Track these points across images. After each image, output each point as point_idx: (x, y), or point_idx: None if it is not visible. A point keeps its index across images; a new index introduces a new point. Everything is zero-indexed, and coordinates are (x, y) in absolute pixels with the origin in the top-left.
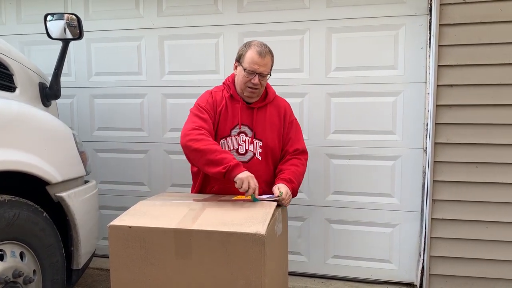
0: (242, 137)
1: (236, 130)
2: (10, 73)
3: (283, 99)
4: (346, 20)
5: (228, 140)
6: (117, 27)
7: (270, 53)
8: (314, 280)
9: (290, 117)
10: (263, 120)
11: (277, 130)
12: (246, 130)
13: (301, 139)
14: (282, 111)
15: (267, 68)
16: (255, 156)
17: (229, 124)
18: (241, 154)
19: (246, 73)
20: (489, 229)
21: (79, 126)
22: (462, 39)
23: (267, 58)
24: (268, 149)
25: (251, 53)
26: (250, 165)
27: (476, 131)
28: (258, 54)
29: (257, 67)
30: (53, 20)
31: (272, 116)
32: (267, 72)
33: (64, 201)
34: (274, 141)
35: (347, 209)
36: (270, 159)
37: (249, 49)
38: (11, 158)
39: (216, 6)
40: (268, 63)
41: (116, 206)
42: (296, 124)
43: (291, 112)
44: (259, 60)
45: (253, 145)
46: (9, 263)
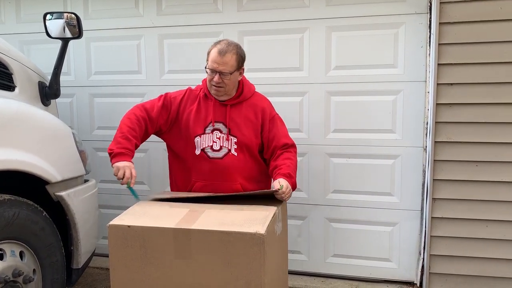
0: (216, 134)
1: (210, 128)
2: (9, 72)
3: (263, 97)
4: (346, 18)
5: (203, 137)
6: (117, 26)
7: (233, 51)
8: (314, 279)
9: (270, 114)
10: (237, 117)
11: (253, 127)
12: (220, 127)
13: (287, 133)
14: (259, 109)
15: (228, 66)
16: (230, 152)
17: (203, 123)
18: (216, 150)
19: (209, 71)
20: (489, 227)
21: (79, 125)
22: (462, 38)
23: (228, 56)
24: (244, 145)
25: (212, 51)
26: (225, 161)
27: (476, 129)
28: (217, 52)
29: (216, 65)
30: (53, 19)
31: (248, 113)
32: (228, 71)
33: (63, 200)
34: (250, 137)
35: (347, 208)
36: (247, 155)
37: (213, 47)
38: (11, 157)
39: (216, 5)
40: (229, 62)
41: (116, 205)
42: (279, 119)
43: (271, 108)
44: (218, 59)
45: (228, 141)
46: (8, 263)
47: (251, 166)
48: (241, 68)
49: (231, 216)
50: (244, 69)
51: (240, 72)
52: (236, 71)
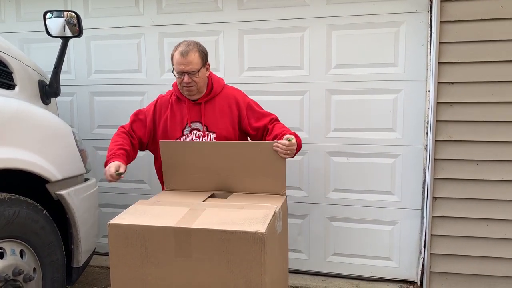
0: (195, 134)
1: (188, 129)
2: (9, 71)
3: (233, 88)
4: (347, 17)
5: (183, 139)
6: (117, 24)
7: (195, 49)
8: (314, 278)
9: (244, 102)
10: (212, 113)
11: (229, 119)
12: (197, 126)
13: (267, 112)
14: (233, 100)
15: (193, 65)
16: None
17: (179, 125)
18: None
19: (177, 74)
20: (490, 226)
21: (79, 124)
22: (463, 36)
23: (191, 55)
24: (223, 139)
25: (175, 55)
26: None
27: (476, 128)
28: (180, 54)
29: (182, 67)
30: (53, 17)
31: (222, 107)
32: (195, 69)
33: (64, 199)
34: (228, 130)
35: (347, 207)
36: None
37: (174, 51)
38: (11, 156)
39: (216, 3)
40: (193, 60)
41: (116, 204)
42: (254, 103)
43: (244, 97)
44: (182, 60)
45: (206, 138)
46: (9, 261)
47: None
48: (206, 64)
49: (232, 215)
50: (209, 64)
51: (207, 68)
52: (203, 67)
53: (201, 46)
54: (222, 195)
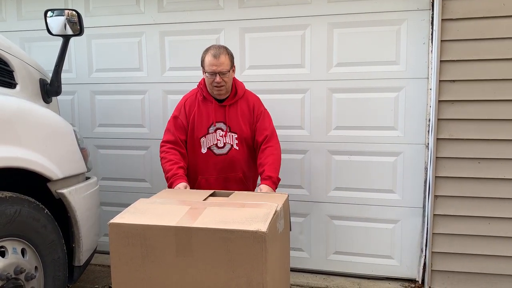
0: (219, 133)
1: (213, 128)
2: (10, 69)
3: (253, 94)
4: (348, 15)
5: (208, 137)
6: (118, 23)
7: (225, 52)
8: (316, 276)
9: (259, 109)
10: (235, 115)
11: (248, 121)
12: (221, 126)
13: (268, 124)
14: (251, 104)
15: (225, 66)
16: (233, 147)
17: (205, 124)
18: (220, 147)
19: (209, 75)
20: (491, 225)
21: (80, 122)
22: (465, 34)
23: (222, 57)
24: (243, 139)
25: (207, 57)
26: (230, 155)
27: (478, 126)
28: (213, 56)
29: (215, 67)
30: (54, 16)
31: (243, 110)
32: (226, 70)
33: (65, 197)
34: (247, 131)
35: (348, 205)
36: (245, 147)
37: (206, 54)
38: (12, 154)
39: (217, 2)
40: (225, 62)
41: (117, 203)
42: (264, 113)
43: (260, 104)
44: (215, 61)
45: (230, 138)
46: (10, 260)
47: (249, 155)
48: (233, 66)
49: (233, 213)
50: (235, 67)
51: (233, 70)
52: (231, 69)
53: (229, 50)
54: (224, 194)
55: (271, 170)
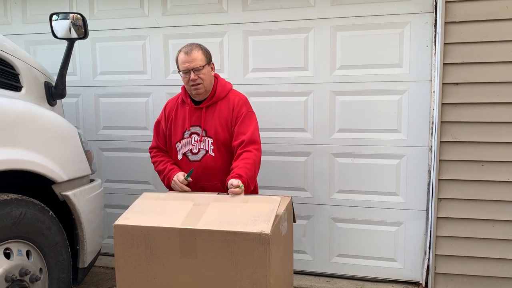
0: (194, 138)
1: (187, 132)
2: (16, 72)
3: (238, 94)
4: (351, 18)
5: (183, 142)
6: (122, 26)
7: (197, 48)
8: (319, 279)
9: (240, 111)
10: (212, 117)
11: (227, 124)
12: (197, 130)
13: (248, 130)
14: (231, 106)
15: (198, 61)
16: (207, 153)
17: (181, 128)
18: (194, 153)
19: (183, 74)
20: (495, 227)
21: (84, 125)
22: (468, 37)
23: (194, 53)
24: (220, 145)
25: (179, 56)
26: (203, 162)
27: (482, 129)
28: (184, 53)
29: (187, 64)
30: (59, 19)
31: (222, 112)
32: (200, 65)
33: (69, 199)
34: (225, 135)
35: (352, 208)
36: (224, 153)
37: (178, 54)
38: (18, 157)
39: (221, 5)
40: (197, 57)
41: (121, 205)
42: (245, 116)
43: (242, 105)
44: (186, 58)
45: (205, 143)
46: (15, 262)
47: (229, 162)
48: (210, 62)
49: (236, 211)
50: (214, 64)
51: (212, 68)
52: (207, 65)
53: (203, 46)
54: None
55: (240, 170)
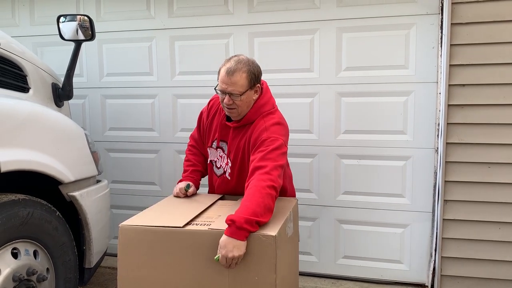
0: (219, 152)
1: (215, 143)
2: (23, 74)
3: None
4: (357, 19)
5: (211, 150)
6: (129, 28)
7: (243, 70)
8: (325, 280)
9: (259, 136)
10: (236, 140)
11: (247, 150)
12: (223, 146)
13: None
14: (257, 131)
15: (237, 87)
16: (224, 175)
17: (212, 136)
18: (218, 167)
19: (219, 92)
20: (502, 230)
21: (91, 126)
22: (474, 38)
23: (237, 76)
24: (236, 170)
25: (222, 71)
26: (220, 181)
27: (488, 131)
28: (225, 72)
29: (225, 86)
30: (66, 21)
31: (246, 137)
32: (238, 92)
33: (76, 200)
34: (242, 162)
35: (357, 209)
36: (240, 177)
37: (222, 66)
38: (25, 157)
39: (227, 7)
40: (238, 82)
41: (128, 206)
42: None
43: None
44: (226, 79)
45: (225, 164)
46: (23, 261)
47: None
48: (255, 86)
49: None
50: (259, 86)
51: (255, 91)
52: (249, 90)
53: (252, 67)
54: (232, 198)
55: (238, 211)
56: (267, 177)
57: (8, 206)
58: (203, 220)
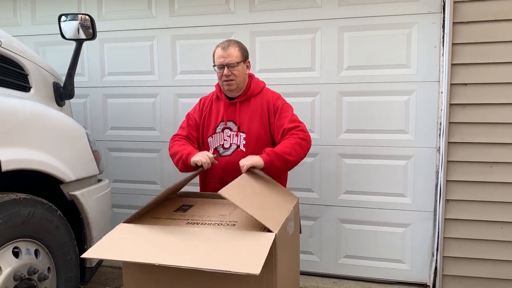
0: (226, 133)
1: (220, 127)
2: (25, 73)
3: (271, 91)
4: (358, 18)
5: (214, 137)
6: (130, 27)
7: (235, 44)
8: (326, 280)
9: (275, 106)
10: (246, 113)
11: (260, 120)
12: (231, 125)
13: (285, 118)
14: (265, 102)
15: (233, 57)
16: (238, 148)
17: (213, 123)
18: (226, 148)
19: (217, 68)
20: (504, 229)
21: (92, 125)
22: (476, 37)
23: (230, 49)
24: (252, 140)
25: (216, 50)
26: (233, 157)
27: (490, 130)
28: (220, 48)
29: (222, 59)
30: (67, 20)
31: (256, 108)
32: (235, 61)
33: (77, 199)
34: (258, 132)
35: (359, 209)
36: (256, 148)
37: (215, 49)
38: (26, 157)
39: (228, 6)
40: (233, 53)
41: (129, 205)
42: (282, 108)
43: (276, 100)
44: (222, 53)
45: (237, 137)
46: (24, 260)
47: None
48: (246, 60)
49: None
50: (250, 62)
51: (247, 65)
52: (242, 62)
53: (241, 44)
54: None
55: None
56: (301, 133)
57: (9, 205)
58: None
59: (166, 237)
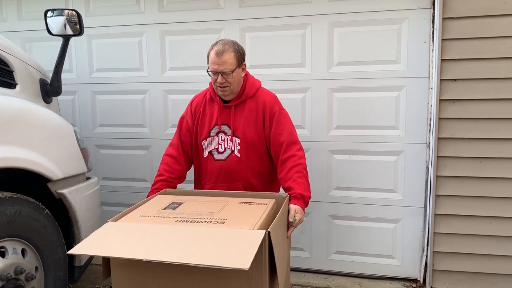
0: (221, 137)
1: (214, 131)
2: (10, 69)
3: (267, 92)
4: (348, 14)
5: (209, 140)
6: (118, 23)
7: (230, 49)
8: (317, 276)
9: (271, 111)
10: (241, 116)
11: (255, 124)
12: (225, 129)
13: (284, 127)
14: (261, 105)
15: (228, 65)
16: (233, 153)
17: (207, 126)
18: (220, 152)
19: (211, 74)
20: (493, 224)
21: (81, 122)
22: (466, 33)
23: (226, 55)
24: (247, 145)
25: (211, 54)
26: (227, 162)
27: (480, 125)
28: (215, 53)
29: (216, 66)
30: (53, 16)
31: (251, 112)
32: (229, 69)
33: (65, 198)
34: (252, 137)
35: (349, 205)
36: (251, 154)
37: (210, 50)
38: (12, 155)
39: (217, 1)
40: (228, 61)
41: (118, 203)
42: (279, 114)
43: (273, 104)
44: (217, 60)
45: (232, 142)
46: (10, 260)
47: (255, 164)
48: (242, 64)
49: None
50: (246, 64)
51: (243, 68)
52: (238, 68)
53: (237, 46)
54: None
55: (301, 188)
56: (302, 153)
57: None
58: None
59: (155, 234)
